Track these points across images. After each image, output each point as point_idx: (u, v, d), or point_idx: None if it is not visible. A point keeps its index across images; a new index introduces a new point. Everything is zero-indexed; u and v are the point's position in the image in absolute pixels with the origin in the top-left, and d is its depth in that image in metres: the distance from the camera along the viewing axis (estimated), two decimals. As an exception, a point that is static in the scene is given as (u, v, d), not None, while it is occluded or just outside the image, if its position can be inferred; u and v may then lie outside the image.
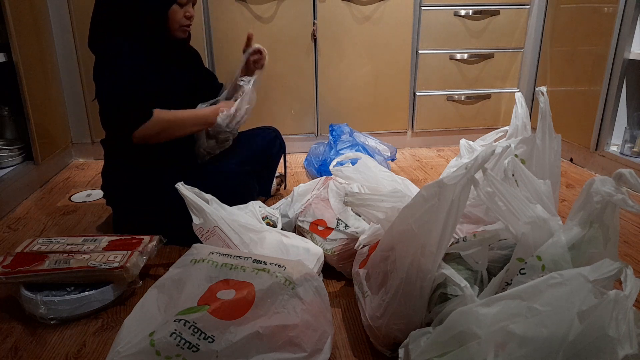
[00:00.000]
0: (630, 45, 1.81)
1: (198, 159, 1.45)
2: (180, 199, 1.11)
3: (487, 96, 2.40)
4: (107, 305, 1.10)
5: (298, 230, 1.33)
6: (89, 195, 1.81)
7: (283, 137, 1.63)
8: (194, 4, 1.36)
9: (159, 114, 1.29)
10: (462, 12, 2.23)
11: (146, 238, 1.22)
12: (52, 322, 1.04)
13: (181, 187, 1.10)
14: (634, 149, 1.88)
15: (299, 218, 1.32)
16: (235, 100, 1.37)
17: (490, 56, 2.33)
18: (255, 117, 1.60)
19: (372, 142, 2.03)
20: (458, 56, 2.30)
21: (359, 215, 1.24)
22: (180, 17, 1.31)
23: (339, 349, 0.96)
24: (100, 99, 1.32)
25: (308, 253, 1.15)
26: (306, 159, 2.09)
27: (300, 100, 2.25)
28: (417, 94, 2.34)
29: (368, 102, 2.31)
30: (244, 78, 1.39)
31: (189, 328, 0.77)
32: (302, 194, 1.41)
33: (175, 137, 1.33)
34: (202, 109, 1.37)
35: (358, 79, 2.27)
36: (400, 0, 2.16)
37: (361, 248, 1.10)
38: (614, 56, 1.86)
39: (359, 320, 1.04)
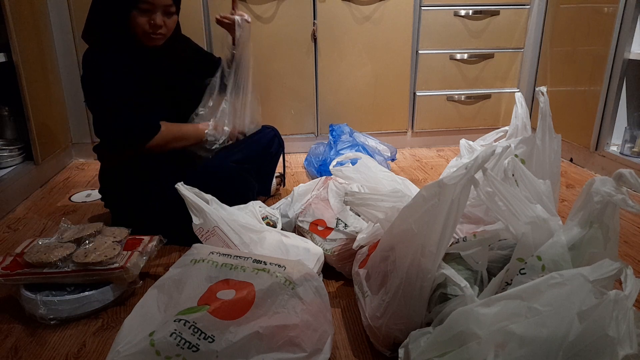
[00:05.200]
0: (630, 45, 1.81)
1: (196, 159, 1.45)
2: (179, 199, 1.11)
3: (487, 96, 2.40)
4: (107, 305, 1.10)
5: (298, 230, 1.33)
6: (89, 195, 1.81)
7: (283, 137, 1.63)
8: (167, 14, 1.28)
9: (167, 126, 1.31)
10: (462, 12, 2.23)
11: (146, 238, 1.22)
12: (52, 322, 1.04)
13: (181, 187, 1.10)
14: (634, 149, 1.88)
15: (299, 218, 1.32)
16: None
17: (490, 56, 2.33)
18: (255, 117, 1.61)
19: (372, 142, 2.03)
20: (458, 56, 2.30)
21: (359, 215, 1.24)
22: (142, 23, 1.25)
23: (339, 349, 0.96)
24: (97, 110, 1.31)
25: (308, 253, 1.15)
26: (306, 159, 2.09)
27: (300, 100, 2.25)
28: (417, 94, 2.34)
29: (368, 102, 2.31)
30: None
31: (189, 328, 0.77)
32: (302, 194, 1.41)
33: (177, 149, 1.37)
34: (200, 125, 1.41)
35: (358, 79, 2.27)
36: (400, 0, 2.16)
37: (360, 248, 1.10)
38: (614, 56, 1.86)
39: (359, 320, 1.04)
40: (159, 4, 1.25)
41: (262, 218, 1.27)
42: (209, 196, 1.15)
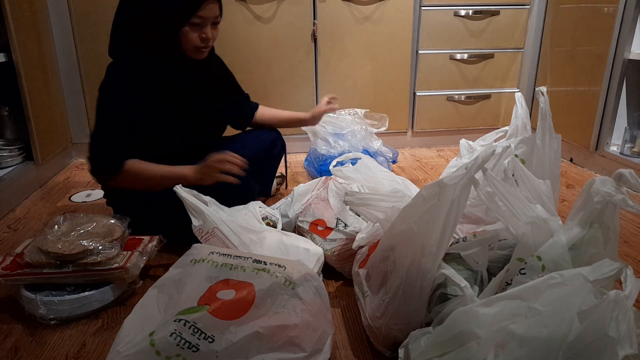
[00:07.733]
0: (630, 45, 1.81)
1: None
2: (179, 199, 1.10)
3: (487, 96, 2.40)
4: (107, 305, 1.10)
5: (298, 230, 1.33)
6: (89, 195, 1.81)
7: (283, 137, 1.63)
8: (215, 25, 1.26)
9: (132, 166, 1.23)
10: (462, 12, 2.23)
11: (146, 238, 1.22)
12: (52, 322, 1.04)
13: (179, 189, 1.10)
14: (634, 149, 1.88)
15: (299, 218, 1.32)
16: None
17: (490, 56, 2.33)
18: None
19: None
20: (458, 56, 2.30)
21: (359, 215, 1.24)
22: (193, 38, 1.22)
23: (339, 349, 0.96)
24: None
25: (308, 253, 1.15)
26: (306, 159, 2.09)
27: (300, 100, 2.25)
28: (417, 94, 2.34)
29: (368, 102, 2.31)
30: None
31: (189, 328, 0.77)
32: (302, 194, 1.41)
33: (148, 190, 1.28)
34: (179, 168, 1.26)
35: (358, 79, 2.27)
36: (400, 0, 2.16)
37: (360, 248, 1.10)
38: (614, 56, 1.86)
39: (359, 320, 1.04)
40: (210, 17, 1.22)
41: (262, 218, 1.27)
42: (207, 198, 1.14)
